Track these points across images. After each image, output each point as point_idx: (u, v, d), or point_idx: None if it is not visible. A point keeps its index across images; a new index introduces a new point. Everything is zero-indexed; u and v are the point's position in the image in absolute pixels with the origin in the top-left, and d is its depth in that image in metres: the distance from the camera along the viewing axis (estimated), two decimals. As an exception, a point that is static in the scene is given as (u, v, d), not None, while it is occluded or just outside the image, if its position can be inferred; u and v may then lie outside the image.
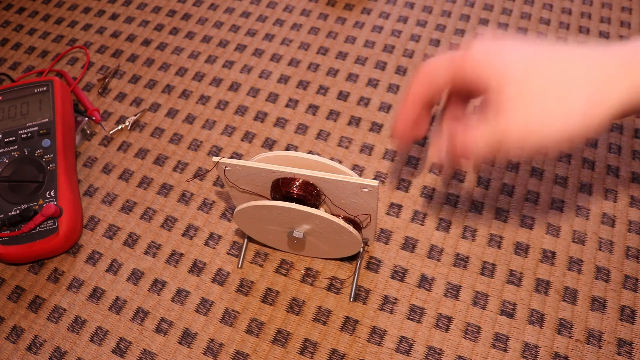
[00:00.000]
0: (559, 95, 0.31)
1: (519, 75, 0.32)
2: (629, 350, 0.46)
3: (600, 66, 0.31)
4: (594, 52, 0.31)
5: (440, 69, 0.36)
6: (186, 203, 0.55)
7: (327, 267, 0.51)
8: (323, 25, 0.69)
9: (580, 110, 0.31)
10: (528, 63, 0.31)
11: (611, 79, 0.31)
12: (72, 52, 0.68)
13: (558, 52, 0.32)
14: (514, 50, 0.32)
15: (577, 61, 0.31)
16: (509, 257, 0.51)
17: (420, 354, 0.46)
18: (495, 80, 0.32)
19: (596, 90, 0.31)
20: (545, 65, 0.31)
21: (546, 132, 0.32)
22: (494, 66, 0.32)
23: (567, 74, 0.31)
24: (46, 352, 0.48)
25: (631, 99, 0.31)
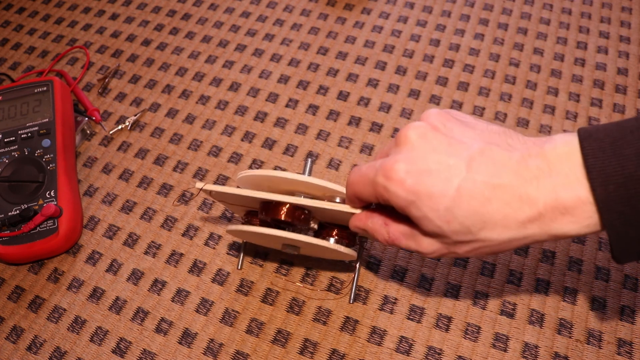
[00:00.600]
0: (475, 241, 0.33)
1: (439, 227, 0.32)
2: (629, 350, 0.46)
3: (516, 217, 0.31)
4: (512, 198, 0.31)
5: (363, 190, 0.36)
6: (186, 203, 0.55)
7: (327, 267, 0.51)
8: (323, 25, 0.69)
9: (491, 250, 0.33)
10: (452, 202, 0.31)
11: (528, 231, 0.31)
12: (72, 52, 0.68)
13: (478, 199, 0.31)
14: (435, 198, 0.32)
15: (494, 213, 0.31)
16: (509, 257, 0.51)
17: (420, 354, 0.46)
18: (417, 215, 0.33)
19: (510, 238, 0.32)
20: (464, 220, 0.32)
21: (458, 255, 0.34)
22: (416, 203, 0.32)
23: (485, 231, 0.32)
24: (46, 352, 0.48)
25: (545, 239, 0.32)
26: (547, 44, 0.66)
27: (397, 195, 0.32)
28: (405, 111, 0.61)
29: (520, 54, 0.65)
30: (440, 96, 0.62)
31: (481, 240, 0.32)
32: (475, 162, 0.31)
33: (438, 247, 0.34)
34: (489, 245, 0.33)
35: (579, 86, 0.62)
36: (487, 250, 0.34)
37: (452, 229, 0.32)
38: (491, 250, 0.34)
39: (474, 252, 0.34)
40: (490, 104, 0.61)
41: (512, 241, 0.32)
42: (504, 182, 0.31)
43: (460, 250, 0.34)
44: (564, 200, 0.30)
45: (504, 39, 0.66)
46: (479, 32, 0.67)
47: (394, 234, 0.36)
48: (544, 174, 0.31)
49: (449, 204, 0.31)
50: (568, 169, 0.30)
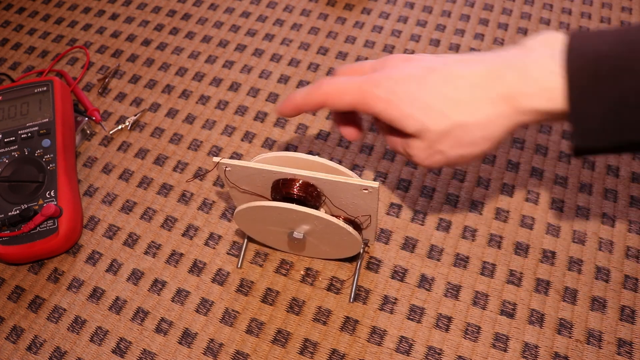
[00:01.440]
0: (453, 130, 0.35)
1: (417, 120, 0.35)
2: (629, 350, 0.46)
3: (487, 95, 0.33)
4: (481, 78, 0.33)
5: (340, 105, 0.38)
6: (186, 203, 0.55)
7: (327, 267, 0.51)
8: (323, 25, 0.69)
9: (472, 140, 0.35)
10: (423, 108, 0.35)
11: (498, 109, 0.33)
12: (72, 52, 0.68)
13: (450, 82, 0.34)
14: (410, 92, 0.35)
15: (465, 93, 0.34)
16: (509, 257, 0.51)
17: (420, 354, 0.46)
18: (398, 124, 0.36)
19: (485, 119, 0.34)
20: (439, 106, 0.34)
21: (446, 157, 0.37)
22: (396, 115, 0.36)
23: (458, 110, 0.34)
24: (46, 352, 0.48)
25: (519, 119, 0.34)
26: (547, 44, 0.66)
27: (378, 97, 0.36)
28: (405, 111, 0.61)
29: (520, 54, 0.65)
30: (440, 96, 0.62)
31: (459, 126, 0.34)
32: (450, 63, 0.35)
33: (424, 146, 0.37)
34: (467, 130, 0.34)
35: (579, 86, 0.62)
36: (467, 139, 0.35)
37: (431, 118, 0.35)
38: (471, 139, 0.35)
39: (458, 147, 0.35)
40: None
41: (488, 124, 0.34)
42: (473, 70, 0.33)
43: (444, 144, 0.36)
44: (534, 73, 0.31)
45: (504, 39, 0.66)
46: (479, 32, 0.67)
47: (392, 139, 0.40)
48: (515, 56, 0.32)
49: (425, 97, 0.34)
50: (544, 50, 0.32)
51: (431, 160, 0.37)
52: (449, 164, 0.37)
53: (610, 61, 0.29)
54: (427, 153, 0.37)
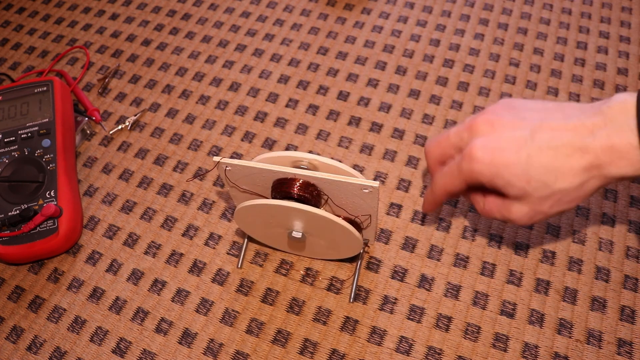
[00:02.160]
0: (553, 194, 0.38)
1: (520, 187, 0.38)
2: (629, 350, 0.46)
3: (580, 164, 0.36)
4: (573, 149, 0.36)
5: (452, 185, 0.42)
6: (186, 203, 0.55)
7: (327, 267, 0.51)
8: (323, 25, 0.69)
9: (569, 200, 0.39)
10: (525, 176, 0.38)
11: (590, 175, 0.37)
12: (72, 52, 0.68)
13: (545, 153, 0.37)
14: (511, 163, 0.38)
15: (561, 164, 0.37)
16: (509, 257, 0.51)
17: (420, 354, 0.46)
18: (502, 189, 0.39)
19: (580, 184, 0.37)
20: (538, 176, 0.37)
21: (546, 215, 0.40)
22: (499, 182, 0.38)
23: (557, 180, 0.37)
24: (46, 352, 0.48)
25: (607, 182, 0.37)
26: (547, 44, 0.66)
27: (481, 172, 0.39)
28: (405, 111, 0.61)
29: (520, 54, 0.65)
30: (440, 96, 0.62)
31: (558, 191, 0.38)
32: (538, 131, 0.37)
33: (526, 209, 0.40)
34: (566, 194, 0.38)
35: (579, 86, 0.62)
36: (566, 199, 0.38)
37: (533, 187, 0.38)
38: (569, 199, 0.38)
39: (557, 206, 0.39)
40: (491, 104, 0.61)
41: (582, 187, 0.37)
42: (564, 141, 0.37)
43: (545, 206, 0.39)
44: (617, 145, 0.35)
45: (504, 39, 0.66)
46: (479, 32, 0.67)
47: (489, 206, 0.42)
48: (600, 127, 0.36)
49: (524, 167, 0.37)
50: (622, 120, 0.35)
51: (533, 220, 0.40)
52: (548, 219, 0.42)
53: None
54: (528, 215, 0.40)
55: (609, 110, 0.36)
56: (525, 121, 0.39)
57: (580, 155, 0.36)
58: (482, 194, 0.43)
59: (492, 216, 0.43)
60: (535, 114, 0.39)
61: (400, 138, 0.59)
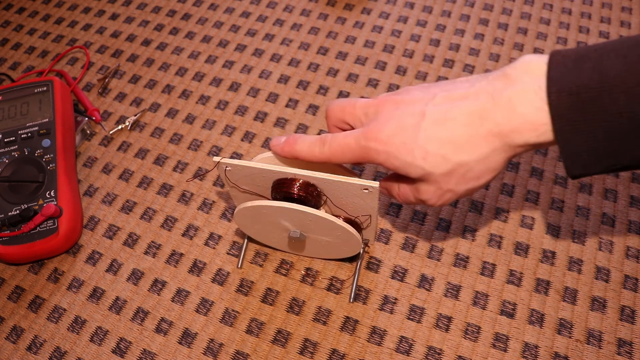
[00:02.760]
0: (455, 169, 0.36)
1: (420, 166, 0.36)
2: (629, 350, 0.46)
3: (480, 133, 0.34)
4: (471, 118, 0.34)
5: (345, 160, 0.40)
6: (186, 203, 0.55)
7: (327, 267, 0.51)
8: (323, 25, 0.69)
9: (475, 175, 0.36)
10: (423, 153, 0.36)
11: (493, 145, 0.34)
12: (72, 52, 0.68)
13: (443, 126, 0.35)
14: (407, 141, 0.36)
15: (459, 134, 0.35)
16: (509, 257, 0.51)
17: (420, 354, 0.46)
18: (403, 172, 0.37)
19: (483, 156, 0.35)
20: (437, 150, 0.35)
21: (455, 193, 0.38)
22: (398, 164, 0.37)
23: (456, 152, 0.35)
24: (46, 352, 0.48)
25: (514, 151, 0.35)
26: (547, 44, 0.66)
27: (377, 150, 0.37)
28: (405, 111, 0.61)
29: (520, 54, 0.65)
30: (440, 96, 0.62)
31: (461, 165, 0.35)
32: (435, 104, 0.36)
33: (433, 189, 0.38)
34: (469, 168, 0.36)
35: (579, 86, 0.62)
36: (472, 175, 0.36)
37: (431, 163, 0.36)
38: (475, 174, 0.36)
39: (464, 183, 0.37)
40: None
41: (486, 159, 0.35)
42: (462, 110, 0.34)
43: (450, 183, 0.37)
44: (519, 109, 0.33)
45: (504, 39, 0.66)
46: (479, 32, 0.67)
47: (402, 191, 0.41)
48: (500, 90, 0.33)
49: (421, 143, 0.35)
50: (526, 82, 0.32)
51: (443, 200, 0.39)
52: (460, 197, 0.39)
53: (590, 92, 0.30)
54: (437, 194, 0.38)
55: (513, 71, 0.33)
56: (427, 96, 0.37)
57: (479, 122, 0.34)
58: (396, 180, 0.42)
59: (408, 201, 0.41)
60: (441, 88, 0.37)
61: (400, 138, 0.59)
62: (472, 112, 0.34)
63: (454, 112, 0.35)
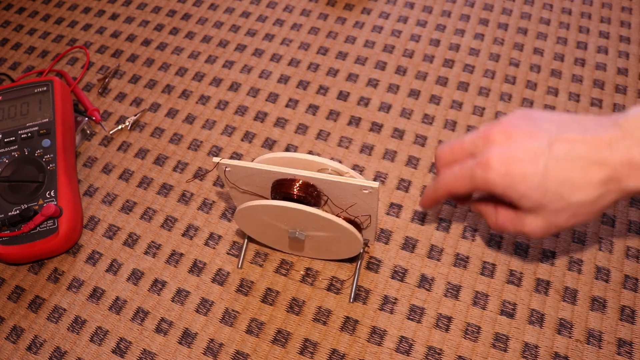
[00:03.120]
0: (569, 207, 0.37)
1: (536, 199, 0.38)
2: (629, 350, 0.46)
3: (597, 177, 0.36)
4: (590, 161, 0.36)
5: (459, 187, 0.41)
6: (186, 203, 0.55)
7: (327, 267, 0.51)
8: (323, 25, 0.69)
9: (585, 213, 0.38)
10: (540, 187, 0.37)
11: (607, 188, 0.36)
12: (72, 52, 0.68)
13: (562, 164, 0.37)
14: (526, 173, 0.37)
15: (578, 175, 0.36)
16: (509, 257, 0.51)
17: (420, 354, 0.46)
18: (516, 201, 0.38)
19: (596, 198, 0.37)
20: (554, 187, 0.37)
21: (561, 228, 0.39)
22: (513, 192, 0.38)
23: (573, 192, 0.37)
24: (46, 352, 0.48)
25: (623, 195, 0.37)
26: (547, 44, 0.66)
27: (496, 182, 0.38)
28: (405, 111, 0.61)
29: (520, 54, 0.65)
30: (440, 96, 0.62)
31: (574, 204, 0.37)
32: (555, 142, 0.37)
33: (541, 222, 0.39)
34: (582, 207, 0.37)
35: (579, 86, 0.62)
36: (582, 212, 0.38)
37: (548, 199, 0.37)
38: (585, 212, 0.38)
39: (573, 219, 0.39)
40: (490, 104, 0.61)
41: (598, 200, 0.37)
42: (581, 154, 0.36)
43: (560, 219, 0.38)
44: (635, 159, 0.35)
45: (504, 39, 0.66)
46: (479, 32, 0.67)
47: (501, 220, 0.42)
48: (617, 140, 0.36)
49: (540, 180, 0.37)
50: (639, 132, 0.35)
51: (547, 233, 0.40)
52: (560, 231, 0.40)
53: None
54: (542, 228, 0.39)
55: (626, 123, 0.36)
56: (542, 132, 0.38)
57: (598, 168, 0.36)
58: (494, 206, 0.43)
59: (505, 229, 0.42)
60: (552, 125, 0.38)
61: (400, 138, 0.59)
62: (592, 157, 0.36)
63: (574, 155, 0.36)
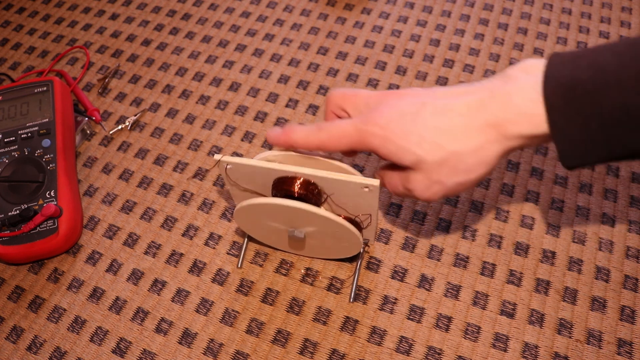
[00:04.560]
0: (448, 159, 0.36)
1: (413, 153, 0.37)
2: (629, 350, 0.46)
3: (475, 124, 0.35)
4: (467, 109, 0.36)
5: (339, 148, 0.40)
6: (186, 203, 0.55)
7: (327, 267, 0.51)
8: (323, 25, 0.69)
9: (468, 167, 0.37)
10: (418, 140, 0.37)
11: (487, 136, 0.35)
12: (72, 52, 0.68)
13: (440, 115, 0.36)
14: (404, 128, 0.37)
15: (455, 124, 0.36)
16: (509, 257, 0.51)
17: (420, 354, 0.46)
18: (395, 159, 0.38)
19: (477, 147, 0.36)
20: (431, 138, 0.36)
21: (445, 186, 0.38)
22: (392, 150, 0.37)
23: (450, 141, 0.36)
24: (46, 352, 0.48)
25: (508, 145, 0.36)
26: (547, 44, 0.66)
27: (374, 134, 0.38)
28: (405, 111, 0.61)
29: (520, 54, 0.65)
30: (440, 96, 0.62)
31: (454, 155, 0.36)
32: (437, 98, 0.37)
33: (422, 178, 0.38)
34: (461, 158, 0.36)
35: (579, 86, 0.62)
36: (463, 167, 0.37)
37: (425, 149, 0.36)
38: (467, 166, 0.37)
39: (454, 175, 0.37)
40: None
41: (479, 151, 0.36)
42: (461, 103, 0.36)
43: (441, 174, 0.37)
44: (517, 102, 0.34)
45: (504, 39, 0.66)
46: (479, 32, 0.67)
47: (393, 180, 0.41)
48: (499, 87, 0.35)
49: (418, 130, 0.36)
50: (524, 78, 0.34)
51: (431, 192, 0.39)
52: (448, 193, 0.39)
53: (584, 86, 0.32)
54: (425, 185, 0.38)
55: (512, 70, 0.35)
56: (430, 91, 0.38)
57: (476, 114, 0.35)
58: (389, 169, 0.42)
59: (396, 190, 0.42)
60: (445, 88, 0.38)
61: (400, 138, 0.59)
62: (470, 104, 0.36)
63: (453, 104, 0.36)
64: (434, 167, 0.37)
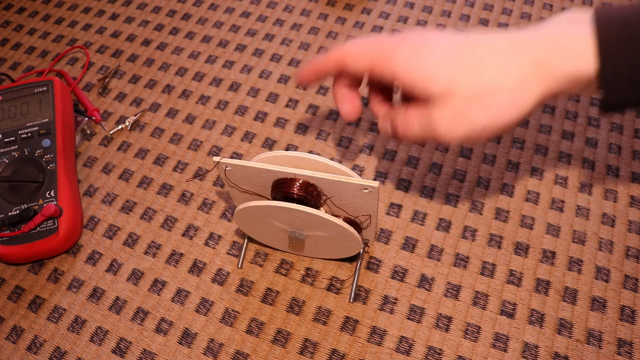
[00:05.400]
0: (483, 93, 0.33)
1: (445, 79, 0.33)
2: (629, 350, 0.46)
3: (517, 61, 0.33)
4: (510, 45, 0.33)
5: (359, 63, 0.37)
6: (186, 203, 0.55)
7: (327, 267, 0.51)
8: (323, 25, 0.69)
9: (502, 105, 0.33)
10: (452, 65, 0.33)
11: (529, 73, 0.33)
12: (72, 52, 0.68)
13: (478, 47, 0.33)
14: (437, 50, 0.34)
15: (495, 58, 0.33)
16: (509, 257, 0.51)
17: (420, 354, 0.46)
18: (421, 84, 0.34)
19: (516, 84, 0.33)
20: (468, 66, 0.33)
21: (473, 125, 0.34)
22: (420, 72, 0.34)
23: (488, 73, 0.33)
24: (46, 352, 0.48)
25: (549, 87, 0.33)
26: (547, 44, 0.66)
27: (403, 50, 0.34)
28: (405, 111, 0.61)
29: (520, 54, 0.65)
30: (440, 96, 0.62)
31: (489, 90, 0.33)
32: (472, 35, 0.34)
33: (449, 114, 0.34)
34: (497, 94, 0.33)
35: (579, 86, 0.62)
36: (498, 103, 0.33)
37: (459, 78, 0.33)
38: (501, 103, 0.33)
39: (486, 111, 0.34)
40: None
41: (517, 89, 0.33)
42: (502, 39, 0.33)
43: (471, 110, 0.33)
44: (563, 40, 0.32)
45: (504, 39, 0.66)
46: (479, 32, 0.67)
47: (409, 119, 0.37)
48: (543, 27, 0.33)
49: (452, 56, 0.33)
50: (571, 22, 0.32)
51: (456, 132, 0.35)
52: (471, 135, 0.35)
53: (637, 25, 0.31)
54: (450, 122, 0.34)
55: (557, 18, 0.33)
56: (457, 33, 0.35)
57: (521, 49, 0.32)
58: (405, 106, 0.38)
59: (410, 131, 0.37)
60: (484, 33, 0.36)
61: (400, 138, 0.59)
62: (512, 41, 0.33)
63: (496, 38, 0.33)
64: (465, 102, 0.33)
